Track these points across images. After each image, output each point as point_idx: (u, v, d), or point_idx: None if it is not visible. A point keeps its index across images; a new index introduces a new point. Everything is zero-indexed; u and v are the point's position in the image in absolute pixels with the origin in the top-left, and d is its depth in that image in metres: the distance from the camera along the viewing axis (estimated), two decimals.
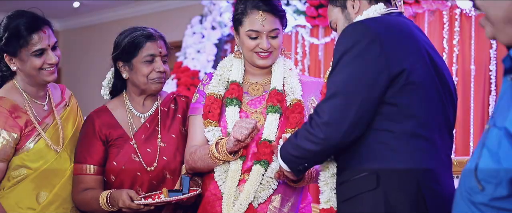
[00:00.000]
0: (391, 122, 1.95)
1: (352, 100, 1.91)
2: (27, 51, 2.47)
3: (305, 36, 5.62)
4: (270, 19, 2.44)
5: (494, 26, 1.52)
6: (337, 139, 1.93)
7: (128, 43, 2.56)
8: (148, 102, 2.68)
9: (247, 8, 2.45)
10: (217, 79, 2.54)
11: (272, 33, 2.45)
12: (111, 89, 2.71)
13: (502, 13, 1.48)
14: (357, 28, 1.98)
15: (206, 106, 2.49)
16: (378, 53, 1.92)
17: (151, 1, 8.14)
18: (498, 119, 1.48)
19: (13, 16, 2.51)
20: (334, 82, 1.96)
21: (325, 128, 1.93)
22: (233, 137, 2.29)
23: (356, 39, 1.94)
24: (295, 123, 2.42)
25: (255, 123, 2.29)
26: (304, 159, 2.05)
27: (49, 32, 2.52)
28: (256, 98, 2.53)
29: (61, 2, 8.14)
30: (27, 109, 2.52)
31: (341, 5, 2.20)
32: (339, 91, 1.92)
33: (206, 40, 6.14)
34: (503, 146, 1.44)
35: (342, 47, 1.96)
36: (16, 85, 2.55)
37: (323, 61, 5.58)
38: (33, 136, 2.51)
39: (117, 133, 2.61)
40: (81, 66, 9.17)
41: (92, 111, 2.69)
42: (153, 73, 2.56)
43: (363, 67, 1.92)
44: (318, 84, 2.57)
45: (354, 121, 1.91)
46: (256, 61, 2.49)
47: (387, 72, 1.91)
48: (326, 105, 1.95)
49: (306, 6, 5.45)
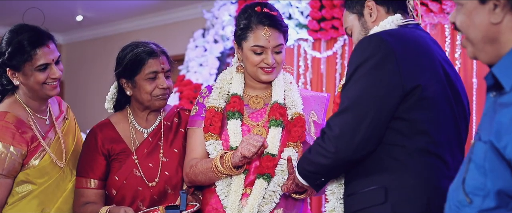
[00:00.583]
0: (402, 137, 1.93)
1: (364, 115, 1.90)
2: (31, 66, 2.45)
3: (307, 50, 5.63)
4: (275, 34, 2.43)
5: (474, 46, 1.57)
6: (348, 153, 1.92)
7: (130, 61, 2.55)
8: (152, 117, 2.68)
9: (251, 24, 2.44)
10: (217, 92, 2.53)
11: (277, 48, 2.45)
12: (115, 103, 2.71)
13: (481, 34, 1.54)
14: (372, 41, 1.95)
15: (207, 119, 2.48)
16: (393, 68, 1.90)
17: (154, 15, 8.17)
18: (483, 133, 1.51)
19: (16, 31, 2.48)
20: (347, 95, 1.95)
21: (336, 142, 1.92)
22: (240, 153, 2.28)
23: (371, 53, 1.92)
24: (297, 137, 2.42)
25: (263, 140, 2.29)
26: (319, 174, 2.04)
27: (53, 46, 2.51)
28: (257, 111, 2.53)
29: (64, 15, 8.18)
30: (31, 124, 2.50)
31: (358, 12, 2.19)
32: (352, 106, 1.91)
33: (208, 53, 6.15)
34: (488, 159, 1.46)
35: (357, 60, 1.95)
36: (18, 99, 2.53)
37: (325, 75, 5.58)
38: (38, 151, 2.49)
39: (120, 148, 2.60)
40: (84, 79, 9.18)
41: (95, 124, 2.68)
42: (157, 90, 2.56)
43: (376, 81, 1.90)
44: (318, 98, 2.58)
45: (365, 136, 1.90)
46: (260, 76, 2.48)
47: (401, 87, 1.90)
48: (338, 119, 1.94)
49: (308, 20, 5.47)
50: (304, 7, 5.45)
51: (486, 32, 1.53)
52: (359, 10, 2.19)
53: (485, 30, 1.53)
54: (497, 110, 1.48)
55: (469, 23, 1.56)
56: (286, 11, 5.54)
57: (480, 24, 1.53)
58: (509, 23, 1.50)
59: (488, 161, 1.46)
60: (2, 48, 2.47)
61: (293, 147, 2.42)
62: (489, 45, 1.54)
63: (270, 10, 2.46)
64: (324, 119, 2.56)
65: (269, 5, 2.49)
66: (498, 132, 1.44)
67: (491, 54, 1.55)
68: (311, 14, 5.44)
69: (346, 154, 1.92)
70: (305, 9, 5.45)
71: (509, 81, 1.48)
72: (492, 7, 1.50)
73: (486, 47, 1.54)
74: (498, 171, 1.45)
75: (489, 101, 1.56)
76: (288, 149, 2.42)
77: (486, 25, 1.52)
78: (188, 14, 7.76)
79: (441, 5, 4.66)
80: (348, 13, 2.23)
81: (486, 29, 1.52)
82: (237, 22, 2.51)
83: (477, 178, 1.49)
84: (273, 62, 2.44)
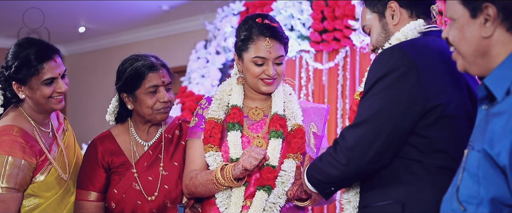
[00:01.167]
0: (419, 153, 1.89)
1: (381, 129, 1.85)
2: (38, 80, 2.44)
3: (309, 61, 5.64)
4: (276, 46, 2.43)
5: (465, 59, 1.62)
6: (359, 166, 1.88)
7: (130, 75, 2.54)
8: (153, 130, 2.67)
9: (252, 35, 2.43)
10: (216, 104, 2.52)
11: (278, 59, 2.44)
12: (117, 116, 2.70)
13: (472, 47, 1.58)
14: (395, 54, 1.90)
15: (206, 131, 2.47)
16: (414, 84, 1.85)
17: (156, 26, 8.19)
18: (475, 143, 1.54)
19: (23, 44, 2.48)
20: (365, 107, 1.90)
21: (348, 153, 1.88)
22: (242, 165, 2.27)
23: (393, 66, 1.87)
24: (297, 148, 2.41)
25: (265, 153, 2.29)
26: (329, 184, 2.00)
27: (59, 60, 2.50)
28: (257, 122, 2.52)
29: (66, 27, 8.20)
30: (37, 137, 2.49)
31: (379, 12, 2.13)
32: (369, 119, 1.87)
33: (210, 65, 6.16)
34: (482, 166, 1.49)
35: (378, 72, 1.90)
36: (22, 112, 2.52)
37: (327, 86, 5.59)
38: (45, 165, 2.48)
39: (120, 161, 2.59)
40: (86, 91, 9.20)
41: (96, 136, 2.68)
42: (158, 104, 2.55)
43: (397, 96, 1.86)
44: (317, 110, 2.57)
45: (380, 150, 1.86)
46: (260, 87, 2.48)
47: (421, 104, 1.85)
48: (353, 131, 1.90)
49: (310, 32, 5.48)
50: (306, 19, 5.46)
51: (477, 45, 1.57)
52: (381, 10, 2.12)
53: (477, 43, 1.57)
54: (490, 120, 1.51)
55: (461, 37, 1.60)
56: (288, 23, 5.55)
57: (471, 38, 1.58)
58: (499, 37, 1.55)
59: (482, 170, 1.49)
60: (8, 62, 2.47)
61: (293, 158, 2.41)
62: (480, 59, 1.58)
63: (271, 21, 2.46)
64: (324, 131, 2.56)
65: (270, 17, 2.49)
66: (491, 140, 1.47)
67: (482, 67, 1.59)
68: (313, 26, 5.45)
69: (357, 167, 1.89)
70: (307, 21, 5.46)
71: (501, 92, 1.52)
72: (483, 21, 1.55)
73: (477, 60, 1.59)
74: (492, 179, 1.47)
75: (481, 114, 1.59)
76: (288, 160, 2.41)
77: (477, 38, 1.57)
78: (190, 25, 7.78)
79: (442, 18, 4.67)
80: (368, 11, 2.17)
81: (478, 42, 1.57)
82: (237, 33, 2.50)
83: (471, 187, 1.52)
84: (274, 74, 2.43)
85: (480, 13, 1.55)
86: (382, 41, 2.12)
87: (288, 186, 2.38)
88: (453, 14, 1.62)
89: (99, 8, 7.33)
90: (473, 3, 1.56)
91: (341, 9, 5.25)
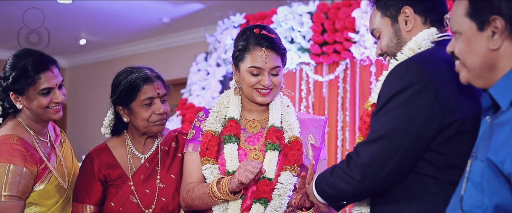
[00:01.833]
0: (435, 169, 1.85)
1: (398, 146, 1.81)
2: (35, 90, 2.46)
3: (310, 73, 5.65)
4: (272, 56, 2.42)
5: (470, 72, 1.61)
6: (374, 183, 1.85)
7: (124, 88, 2.53)
8: (149, 142, 2.66)
9: (249, 45, 2.43)
10: (214, 116, 2.52)
11: (274, 70, 2.43)
12: (113, 128, 2.69)
13: (479, 60, 1.58)
14: (411, 69, 1.85)
15: (203, 144, 2.45)
16: (431, 100, 1.80)
17: (157, 39, 8.22)
18: (479, 154, 1.54)
19: (20, 55, 2.50)
20: (380, 123, 1.85)
21: (363, 170, 1.84)
22: (237, 179, 2.26)
23: (410, 82, 1.82)
24: (293, 161, 2.40)
25: (261, 166, 2.27)
26: (341, 198, 1.96)
27: (56, 71, 2.52)
28: (254, 134, 2.51)
29: (67, 39, 8.23)
30: (36, 146, 2.51)
31: (392, 16, 2.08)
32: (385, 135, 1.82)
33: (211, 77, 6.17)
34: (486, 175, 1.49)
35: (394, 87, 1.85)
36: (21, 122, 2.54)
37: (327, 98, 5.59)
38: (45, 174, 2.49)
39: (116, 173, 2.57)
40: (86, 102, 9.21)
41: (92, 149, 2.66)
42: (154, 116, 2.54)
43: (414, 113, 1.81)
44: (315, 121, 2.55)
45: (395, 168, 1.82)
46: (256, 98, 2.47)
47: (438, 121, 1.81)
48: (368, 147, 1.84)
49: (310, 44, 5.50)
50: (306, 31, 5.48)
51: (484, 58, 1.57)
52: (394, 14, 2.07)
53: (484, 56, 1.57)
54: (494, 130, 1.51)
55: (468, 50, 1.59)
56: (289, 35, 5.57)
57: (478, 51, 1.57)
58: (507, 49, 1.54)
59: (486, 179, 1.49)
60: (6, 72, 2.49)
61: (289, 170, 2.39)
62: (486, 71, 1.58)
63: (269, 32, 2.45)
64: (322, 142, 2.54)
65: (268, 28, 2.48)
66: (495, 148, 1.47)
67: (487, 79, 1.59)
68: (313, 38, 5.47)
69: (372, 184, 1.85)
70: (307, 33, 5.48)
71: (506, 101, 1.53)
72: (491, 33, 1.54)
73: (483, 73, 1.58)
74: (496, 188, 1.47)
75: (485, 125, 1.60)
76: (285, 173, 2.39)
77: (485, 51, 1.56)
78: (191, 38, 7.81)
79: None
80: (379, 14, 2.11)
81: (485, 55, 1.56)
82: (235, 43, 2.50)
83: (475, 196, 1.52)
84: (269, 84, 2.42)
85: (487, 26, 1.55)
86: (393, 47, 2.08)
87: (285, 198, 2.36)
88: (458, 27, 1.62)
89: (100, 21, 7.36)
90: (481, 16, 1.55)
91: (341, 22, 5.27)
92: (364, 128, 2.06)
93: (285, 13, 5.59)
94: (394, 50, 2.07)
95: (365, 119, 2.07)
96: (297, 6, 5.59)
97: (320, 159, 2.51)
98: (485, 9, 1.54)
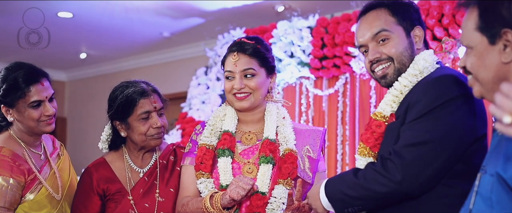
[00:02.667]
0: (459, 180, 1.90)
1: (441, 152, 1.86)
2: (24, 102, 2.47)
3: (309, 88, 5.66)
4: (244, 59, 2.43)
5: (483, 86, 1.60)
6: (412, 185, 1.87)
7: (121, 103, 2.53)
8: (147, 156, 2.66)
9: (227, 52, 2.48)
10: (209, 130, 2.52)
11: (246, 72, 2.43)
12: (110, 143, 2.69)
13: (491, 74, 1.56)
14: (453, 81, 1.93)
15: (198, 158, 2.45)
16: (470, 113, 1.90)
17: (157, 53, 8.23)
18: (489, 167, 1.53)
19: (11, 68, 2.52)
20: (425, 129, 1.89)
21: (405, 170, 1.86)
22: (229, 196, 2.25)
23: (458, 93, 1.90)
24: (287, 174, 2.37)
25: (253, 183, 2.26)
26: (361, 200, 1.94)
27: (47, 84, 2.53)
28: (249, 148, 2.49)
29: (68, 53, 8.25)
30: (26, 158, 2.51)
31: (406, 29, 2.13)
32: (432, 140, 1.87)
33: (211, 91, 6.18)
34: (495, 190, 1.49)
35: (441, 96, 1.91)
36: (12, 135, 2.55)
37: (327, 112, 5.59)
38: (34, 185, 2.49)
39: (115, 188, 2.57)
40: (86, 116, 9.21)
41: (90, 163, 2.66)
42: (151, 130, 2.54)
43: (459, 122, 1.88)
44: (313, 132, 2.53)
45: (434, 173, 1.87)
46: (234, 104, 2.47)
47: (474, 133, 1.90)
48: (413, 149, 1.88)
49: (310, 58, 5.51)
50: (306, 46, 5.49)
51: (496, 71, 1.55)
52: (408, 28, 2.12)
53: (496, 69, 1.55)
54: (504, 145, 1.50)
55: (480, 64, 1.58)
56: (288, 50, 5.59)
57: (490, 64, 1.56)
58: None
59: (495, 193, 1.49)
60: None
61: (283, 184, 2.37)
62: (498, 85, 1.54)
63: (249, 39, 2.48)
64: (320, 154, 2.51)
65: (252, 36, 2.51)
66: (505, 164, 1.46)
67: None
68: (313, 53, 5.48)
69: (410, 186, 1.87)
70: (307, 48, 5.49)
71: None
72: (502, 47, 1.53)
73: (496, 87, 1.56)
74: (504, 202, 1.46)
75: (496, 138, 1.59)
76: (279, 186, 2.37)
77: (497, 65, 1.55)
78: (191, 52, 7.82)
79: None
80: (394, 20, 2.13)
81: (497, 69, 1.55)
82: None
83: (484, 210, 1.51)
84: (241, 86, 2.42)
85: (499, 39, 1.53)
86: (406, 57, 2.11)
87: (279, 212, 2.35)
88: (469, 42, 1.61)
89: (100, 35, 7.38)
90: (492, 30, 1.54)
91: (341, 36, 5.28)
92: (373, 138, 2.06)
93: (285, 27, 5.61)
94: (406, 60, 2.10)
95: (374, 129, 2.07)
96: (297, 20, 5.61)
97: (319, 171, 2.49)
98: (496, 23, 1.53)
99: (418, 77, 2.04)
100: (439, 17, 4.67)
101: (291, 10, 6.00)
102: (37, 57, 2.54)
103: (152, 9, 6.36)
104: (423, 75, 2.04)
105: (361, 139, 2.11)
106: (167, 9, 6.36)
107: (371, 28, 2.14)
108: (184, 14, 6.53)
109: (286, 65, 5.62)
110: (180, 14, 6.53)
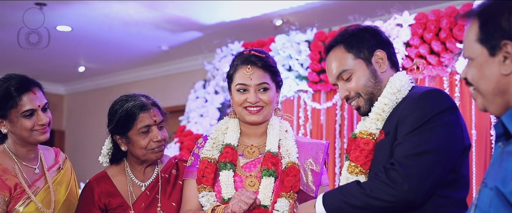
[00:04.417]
0: (449, 189, 1.99)
1: (441, 161, 1.94)
2: (17, 112, 2.47)
3: (307, 101, 5.67)
4: (258, 73, 2.43)
5: (484, 98, 1.60)
6: (418, 194, 1.92)
7: (121, 117, 2.52)
8: (149, 170, 2.65)
9: (237, 65, 2.47)
10: (211, 143, 2.51)
11: (260, 86, 2.44)
12: (111, 157, 2.68)
13: (491, 85, 1.57)
14: (442, 95, 2.04)
15: (199, 171, 2.45)
16: (459, 124, 2.02)
17: (155, 66, 8.25)
18: (489, 181, 1.53)
19: (3, 79, 2.52)
20: (423, 139, 1.95)
21: (412, 179, 1.91)
22: (231, 210, 2.25)
23: (450, 105, 2.01)
24: (289, 187, 2.36)
25: (255, 198, 2.26)
26: (362, 210, 1.98)
27: (40, 93, 2.53)
28: (251, 161, 2.49)
29: (66, 66, 8.26)
30: (17, 172, 2.50)
31: (365, 59, 2.19)
32: (432, 150, 1.94)
33: (209, 104, 6.19)
34: (494, 205, 1.48)
35: (434, 107, 1.99)
36: (6, 149, 2.54)
37: (325, 125, 5.60)
38: (22, 199, 2.47)
39: (117, 202, 2.55)
40: (85, 129, 9.20)
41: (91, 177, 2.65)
42: (152, 143, 2.53)
43: (453, 133, 1.98)
44: (316, 146, 2.53)
45: (435, 181, 1.94)
46: (246, 117, 2.46)
47: (462, 143, 2.01)
48: (417, 159, 1.94)
49: (308, 72, 5.53)
50: (304, 59, 5.51)
51: (496, 83, 1.55)
52: (367, 57, 2.19)
53: (496, 81, 1.55)
54: (505, 158, 1.50)
55: (480, 76, 1.58)
56: (286, 63, 5.60)
57: (490, 76, 1.56)
58: None
59: (493, 208, 1.48)
60: None
61: (286, 197, 2.37)
62: (499, 97, 1.57)
63: (258, 53, 2.48)
64: (323, 167, 2.52)
65: (258, 50, 2.51)
66: (505, 178, 1.45)
67: (501, 105, 1.58)
68: (311, 66, 5.50)
69: (417, 193, 1.92)
70: (305, 61, 5.51)
71: None
72: (502, 59, 1.53)
73: (496, 99, 1.57)
74: None
75: (497, 151, 1.58)
76: (281, 199, 2.37)
77: (497, 76, 1.55)
78: (189, 65, 7.84)
79: (439, 58, 4.72)
80: (352, 56, 2.20)
81: (497, 80, 1.55)
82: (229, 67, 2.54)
83: None
84: (256, 100, 2.42)
85: (499, 51, 1.53)
86: (371, 86, 2.19)
87: None
88: (470, 53, 1.61)
89: (99, 48, 7.40)
90: (492, 41, 1.54)
91: None
92: (363, 155, 2.11)
93: (283, 41, 5.63)
94: (372, 89, 2.18)
95: (363, 147, 2.12)
96: (295, 34, 5.63)
97: (322, 185, 2.49)
98: (496, 34, 1.53)
99: (396, 95, 2.13)
100: (437, 31, 4.70)
101: (289, 24, 6.03)
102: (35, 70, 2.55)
103: (150, 22, 6.38)
104: (401, 93, 2.13)
105: (350, 158, 2.16)
106: (166, 23, 6.39)
107: (332, 70, 2.24)
108: (183, 28, 6.55)
109: (284, 79, 5.63)
110: (178, 28, 6.55)
